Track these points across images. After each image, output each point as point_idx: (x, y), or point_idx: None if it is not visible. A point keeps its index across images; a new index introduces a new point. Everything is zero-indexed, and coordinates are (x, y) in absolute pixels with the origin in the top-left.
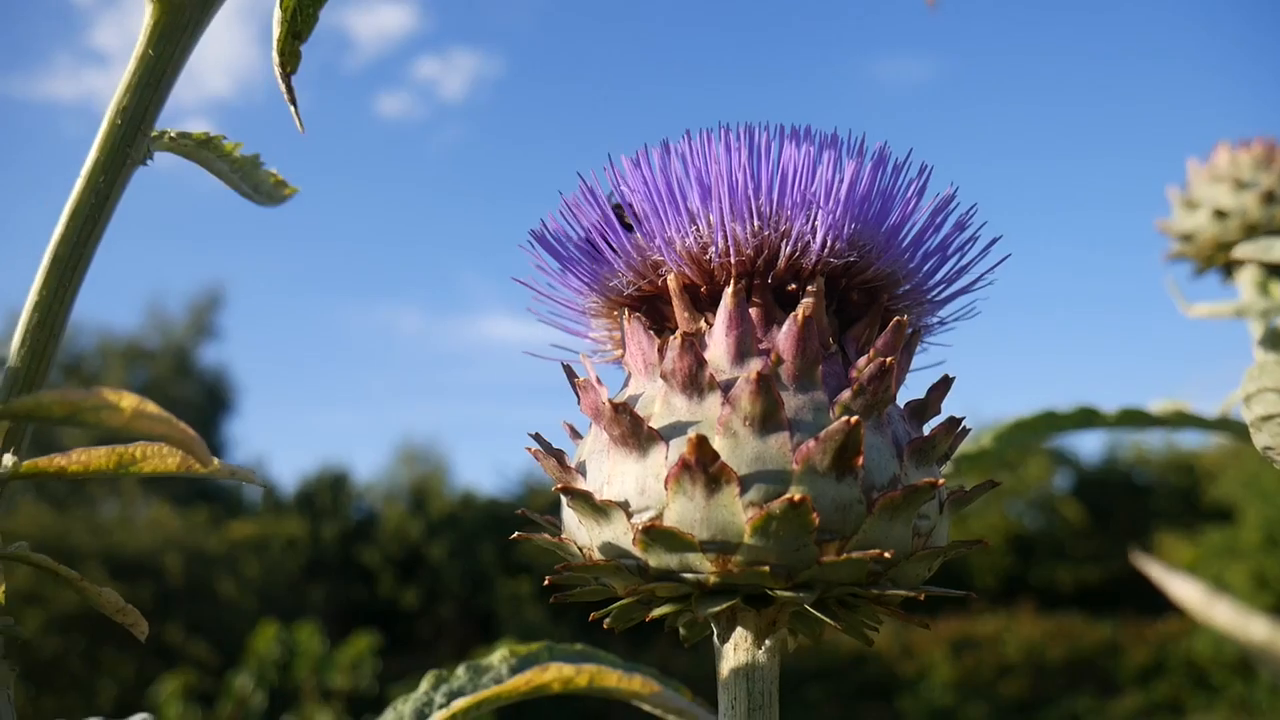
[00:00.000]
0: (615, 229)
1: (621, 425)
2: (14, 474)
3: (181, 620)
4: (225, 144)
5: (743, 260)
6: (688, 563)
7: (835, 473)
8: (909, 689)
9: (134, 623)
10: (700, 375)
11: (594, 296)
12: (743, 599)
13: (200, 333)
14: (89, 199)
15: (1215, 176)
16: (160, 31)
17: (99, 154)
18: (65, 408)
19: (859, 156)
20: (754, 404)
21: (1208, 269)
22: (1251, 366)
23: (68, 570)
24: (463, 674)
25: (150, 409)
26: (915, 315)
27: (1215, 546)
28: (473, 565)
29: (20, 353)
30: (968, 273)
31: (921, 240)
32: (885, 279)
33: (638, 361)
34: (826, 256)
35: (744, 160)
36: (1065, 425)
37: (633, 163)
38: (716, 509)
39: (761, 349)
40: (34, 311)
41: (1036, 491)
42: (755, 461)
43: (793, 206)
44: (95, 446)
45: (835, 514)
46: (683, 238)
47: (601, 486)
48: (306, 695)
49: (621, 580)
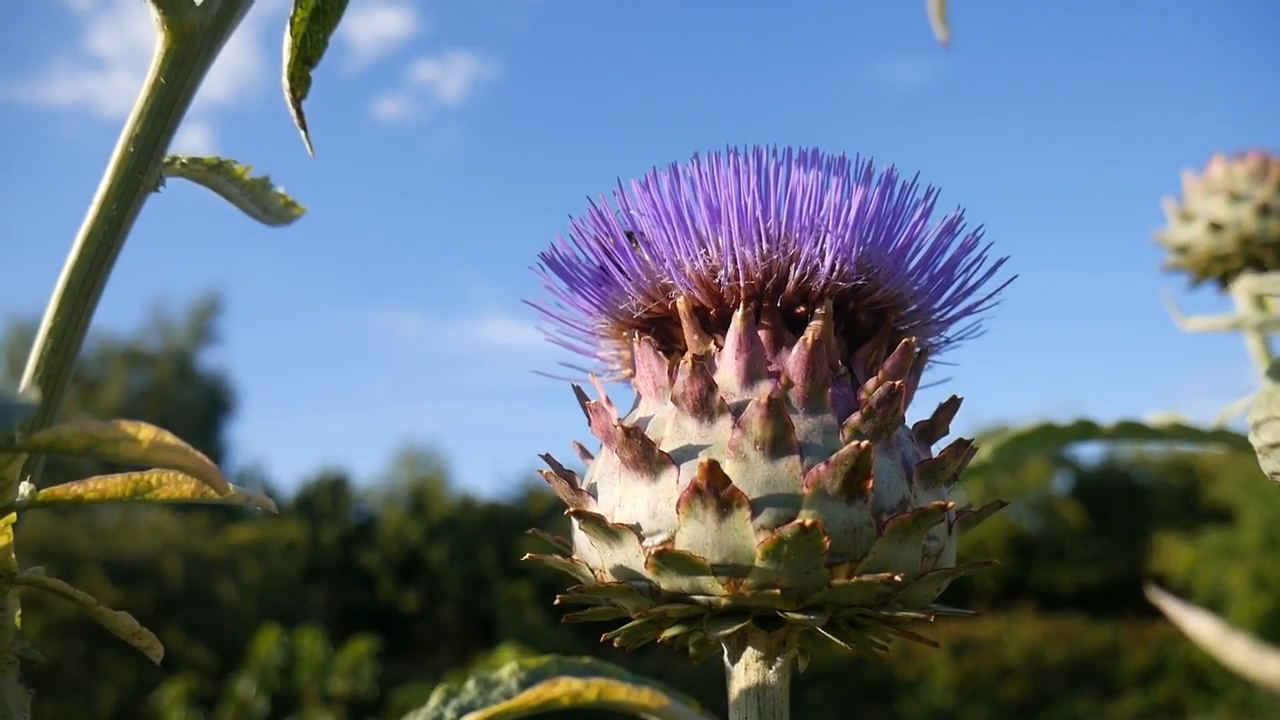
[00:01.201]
0: (625, 252)
1: (633, 449)
2: (32, 502)
3: (181, 625)
4: (236, 168)
5: (752, 284)
6: (699, 585)
7: (845, 496)
8: (909, 691)
9: (149, 646)
10: (711, 399)
11: (603, 318)
12: (754, 620)
13: (200, 337)
14: (102, 225)
15: (1210, 189)
16: (172, 60)
17: (112, 181)
18: (84, 440)
19: (867, 180)
20: (764, 428)
21: (1204, 280)
22: (1259, 393)
23: (84, 595)
24: (472, 688)
25: (167, 439)
26: (923, 335)
27: (1215, 548)
28: (472, 568)
29: (36, 377)
30: (974, 293)
31: (928, 261)
32: (893, 300)
33: (648, 384)
34: (835, 280)
35: (753, 184)
36: (1063, 438)
37: (642, 186)
38: (728, 533)
39: (771, 371)
40: (49, 337)
41: (1036, 493)
42: (766, 485)
43: (801, 230)
44: (111, 474)
45: (846, 537)
46: (692, 261)
47: (613, 509)
48: (308, 700)
49: (633, 602)
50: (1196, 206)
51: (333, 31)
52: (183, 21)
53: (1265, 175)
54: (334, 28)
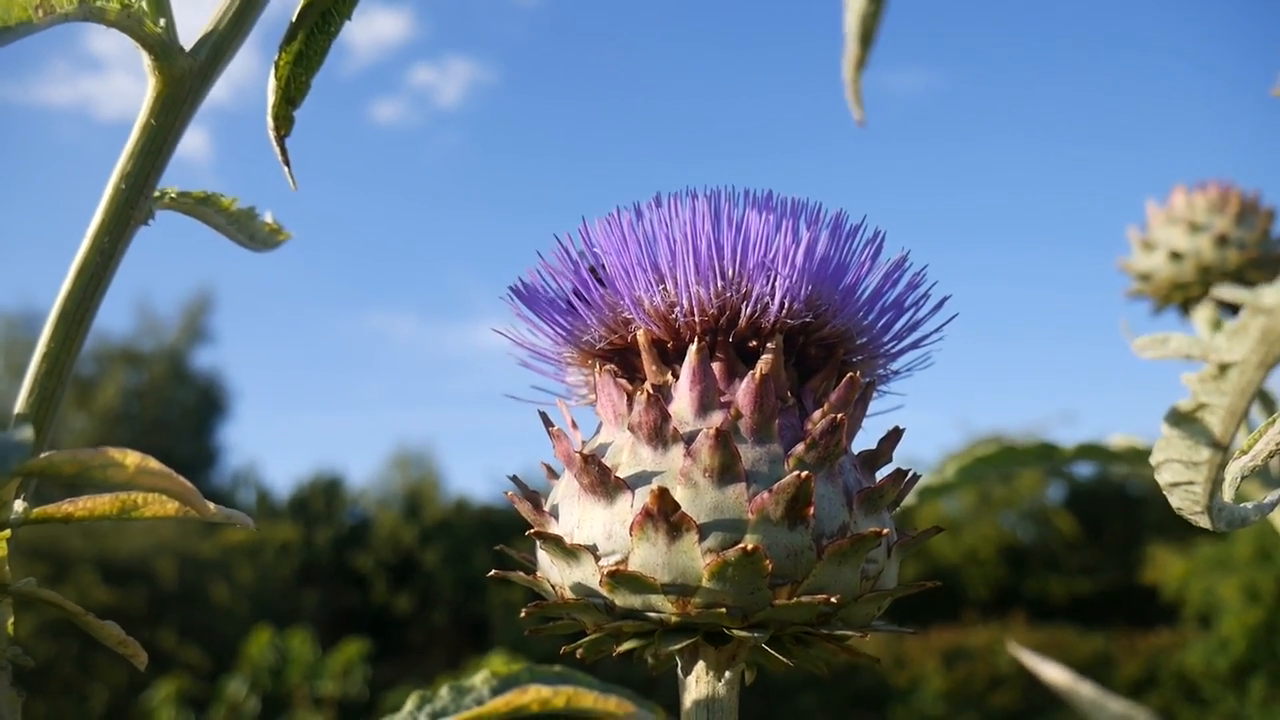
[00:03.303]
0: (589, 288)
1: (591, 475)
2: (25, 520)
3: (174, 625)
4: (223, 200)
5: (706, 319)
6: (651, 603)
7: (788, 522)
8: (901, 699)
9: (134, 654)
10: (665, 428)
11: (569, 348)
12: (703, 637)
13: (193, 336)
14: (94, 258)
15: (1172, 219)
16: (162, 103)
17: (104, 216)
18: (75, 466)
19: (816, 222)
20: (713, 457)
21: (1165, 307)
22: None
23: (74, 606)
24: (446, 694)
25: (152, 465)
26: (871, 367)
27: (1207, 559)
28: (466, 572)
29: (29, 400)
30: (920, 328)
31: (875, 300)
32: (841, 336)
33: (608, 412)
34: (784, 317)
35: (708, 226)
36: (1025, 460)
37: (605, 225)
38: (677, 555)
39: (724, 401)
40: (43, 361)
41: (1029, 503)
42: (714, 511)
43: (754, 268)
44: (100, 494)
45: (787, 560)
46: (650, 297)
47: (573, 530)
48: (298, 701)
49: (591, 617)
50: (1158, 235)
51: (315, 74)
52: (173, 67)
53: (1224, 206)
54: (317, 71)
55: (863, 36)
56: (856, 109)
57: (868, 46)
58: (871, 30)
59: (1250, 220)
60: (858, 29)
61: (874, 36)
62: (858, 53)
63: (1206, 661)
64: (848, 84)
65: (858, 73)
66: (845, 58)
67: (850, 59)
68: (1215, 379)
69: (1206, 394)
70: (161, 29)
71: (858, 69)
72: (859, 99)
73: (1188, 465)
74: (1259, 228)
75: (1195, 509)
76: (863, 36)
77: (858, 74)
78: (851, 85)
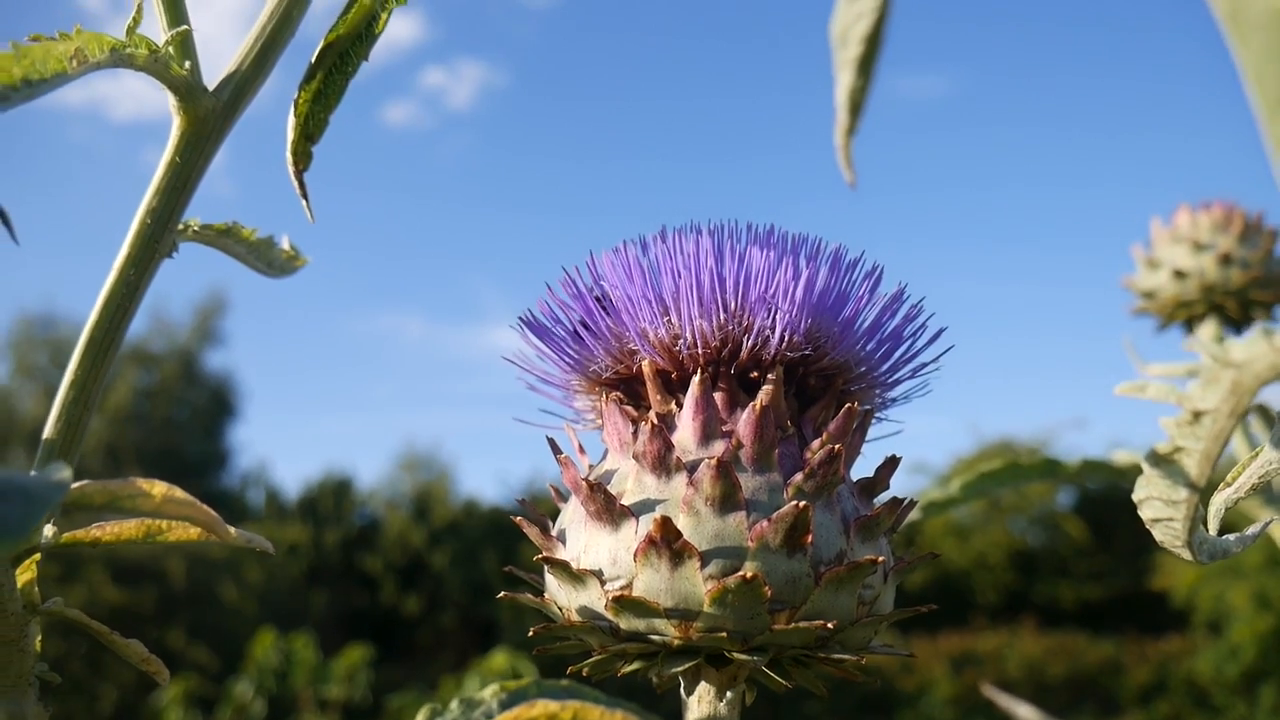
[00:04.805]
0: (595, 320)
1: (596, 502)
2: (55, 545)
3: (183, 625)
4: (244, 231)
5: (709, 351)
6: (654, 627)
7: (786, 549)
8: (909, 704)
9: (157, 671)
10: (668, 457)
11: (576, 376)
12: (705, 659)
13: (205, 337)
14: (120, 289)
15: (1176, 238)
16: (187, 141)
17: (130, 249)
18: (104, 496)
19: (816, 258)
20: (714, 486)
21: (1170, 325)
22: (1141, 477)
23: (99, 625)
24: (455, 708)
25: (178, 495)
26: (869, 396)
27: (1217, 566)
28: (475, 574)
29: (57, 426)
30: (917, 358)
31: (874, 331)
32: (840, 366)
33: (614, 440)
34: (784, 350)
35: (711, 261)
36: (1029, 476)
37: (611, 257)
38: (679, 581)
39: (725, 431)
40: (70, 389)
41: (1039, 508)
42: (715, 539)
43: (756, 302)
44: (126, 519)
45: (786, 587)
46: (655, 329)
47: (579, 555)
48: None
49: (597, 639)
50: (1163, 254)
51: (333, 112)
52: (198, 108)
53: (1228, 226)
54: (335, 108)
55: (852, 107)
56: (848, 173)
57: (857, 116)
58: (860, 102)
59: (1254, 240)
60: (847, 101)
61: (863, 107)
62: (848, 122)
63: (1216, 668)
64: (839, 149)
65: (848, 139)
66: (836, 125)
67: (841, 127)
68: (1190, 425)
69: (1183, 438)
70: (187, 71)
71: (848, 135)
72: (850, 163)
73: (1167, 503)
74: (1262, 247)
75: (1176, 543)
76: (852, 107)
77: (848, 140)
78: (842, 151)
